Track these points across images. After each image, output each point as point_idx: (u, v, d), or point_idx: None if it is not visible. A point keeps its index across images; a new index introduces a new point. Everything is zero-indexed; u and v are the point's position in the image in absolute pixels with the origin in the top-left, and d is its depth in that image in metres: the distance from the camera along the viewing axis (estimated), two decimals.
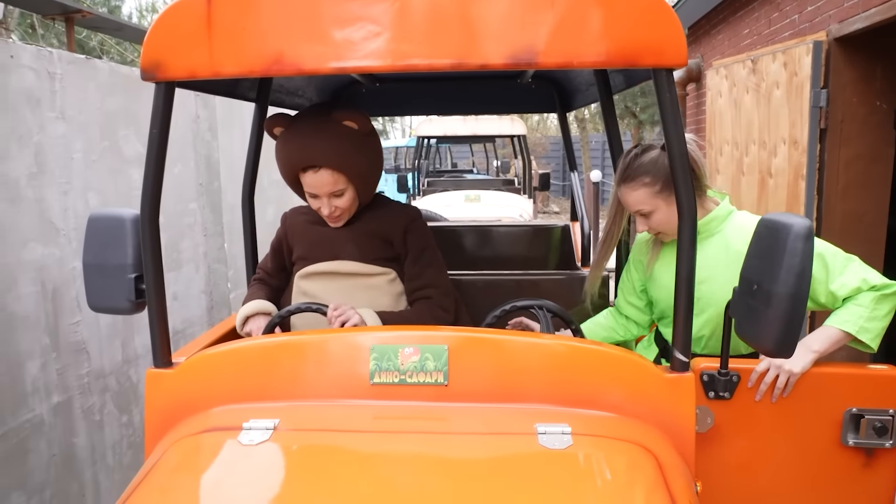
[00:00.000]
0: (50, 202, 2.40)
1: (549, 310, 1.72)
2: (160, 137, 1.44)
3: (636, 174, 1.69)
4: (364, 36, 1.30)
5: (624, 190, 1.71)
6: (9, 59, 2.21)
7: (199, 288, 3.57)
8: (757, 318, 1.26)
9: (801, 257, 1.19)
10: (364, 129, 1.75)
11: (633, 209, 1.72)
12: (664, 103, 1.35)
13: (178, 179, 3.32)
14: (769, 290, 1.23)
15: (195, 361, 1.56)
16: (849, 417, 1.65)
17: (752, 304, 1.28)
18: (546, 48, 1.27)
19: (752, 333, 1.29)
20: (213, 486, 1.23)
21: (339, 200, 1.75)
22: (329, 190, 1.72)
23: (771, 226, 1.27)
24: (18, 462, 2.25)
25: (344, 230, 1.85)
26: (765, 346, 1.27)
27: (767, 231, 1.28)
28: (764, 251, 1.27)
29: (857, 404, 1.65)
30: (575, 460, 1.25)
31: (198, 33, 1.32)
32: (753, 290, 1.27)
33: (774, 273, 1.22)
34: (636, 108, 7.65)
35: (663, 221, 1.70)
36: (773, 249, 1.23)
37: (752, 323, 1.28)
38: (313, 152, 1.68)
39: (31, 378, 2.30)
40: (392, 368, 1.47)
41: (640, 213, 1.71)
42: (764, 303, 1.23)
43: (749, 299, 1.29)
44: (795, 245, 1.20)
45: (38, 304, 2.33)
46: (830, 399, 1.66)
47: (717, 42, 5.54)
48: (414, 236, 1.87)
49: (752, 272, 1.30)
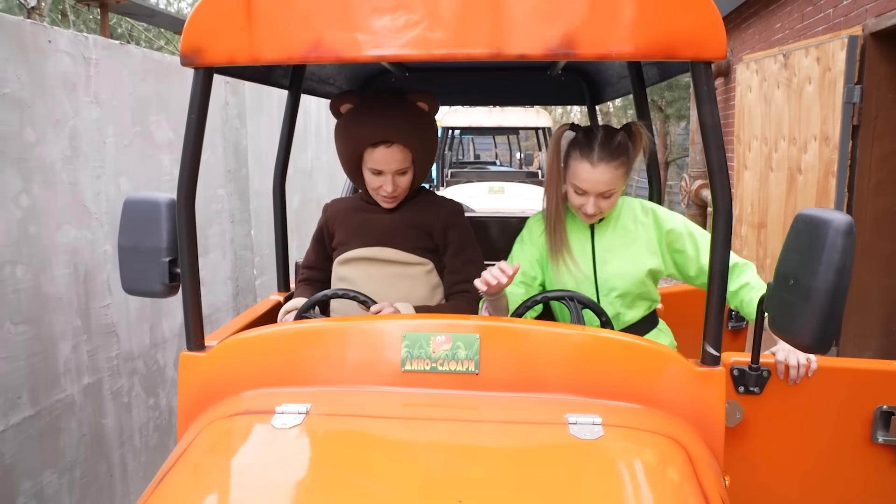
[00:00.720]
0: (83, 186, 2.44)
1: (581, 301, 1.71)
2: (198, 122, 1.45)
3: (617, 154, 1.66)
4: (402, 24, 1.30)
5: (603, 168, 1.65)
6: (47, 44, 2.25)
7: (226, 274, 3.62)
8: (793, 312, 1.25)
9: (841, 253, 1.17)
10: (433, 112, 1.82)
11: (603, 189, 1.66)
12: (702, 96, 1.34)
13: (206, 166, 3.36)
14: (808, 286, 1.21)
15: (228, 345, 1.58)
16: (879, 415, 1.63)
17: (789, 298, 1.26)
18: (583, 39, 1.26)
19: (789, 328, 1.27)
20: (247, 468, 1.25)
21: (402, 179, 1.79)
22: (397, 167, 1.75)
23: (809, 221, 1.25)
24: (51, 441, 2.30)
25: (386, 218, 1.86)
26: (801, 341, 1.25)
27: (806, 226, 1.25)
28: (802, 246, 1.25)
29: (888, 402, 1.63)
30: (606, 451, 1.25)
31: (238, 19, 1.33)
32: (790, 285, 1.25)
33: (814, 268, 1.20)
34: (662, 102, 7.56)
35: (611, 205, 1.72)
36: (812, 245, 1.21)
37: (789, 317, 1.27)
38: (389, 127, 1.71)
39: (64, 359, 2.35)
40: (423, 356, 1.48)
41: (605, 194, 1.67)
42: (802, 298, 1.22)
43: (785, 294, 1.28)
44: (836, 241, 1.18)
45: (70, 286, 2.37)
46: (860, 396, 1.65)
47: (748, 36, 5.45)
48: (455, 231, 1.88)
49: (789, 267, 1.28)
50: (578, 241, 1.80)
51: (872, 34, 3.21)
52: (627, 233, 1.78)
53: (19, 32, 2.13)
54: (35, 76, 2.20)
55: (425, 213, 1.87)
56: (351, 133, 1.76)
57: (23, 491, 2.18)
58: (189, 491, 1.19)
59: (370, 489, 1.13)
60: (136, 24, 9.65)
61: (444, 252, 1.89)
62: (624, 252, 1.77)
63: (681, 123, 7.88)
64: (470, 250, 1.90)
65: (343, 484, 1.15)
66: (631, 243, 1.77)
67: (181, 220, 1.51)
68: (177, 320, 3.07)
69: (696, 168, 5.95)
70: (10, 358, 2.12)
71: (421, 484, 1.14)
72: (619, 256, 1.77)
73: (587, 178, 1.67)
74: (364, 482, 1.15)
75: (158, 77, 2.88)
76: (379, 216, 1.87)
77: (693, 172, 6.00)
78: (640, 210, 1.81)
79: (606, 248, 1.77)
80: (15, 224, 2.13)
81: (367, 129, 1.73)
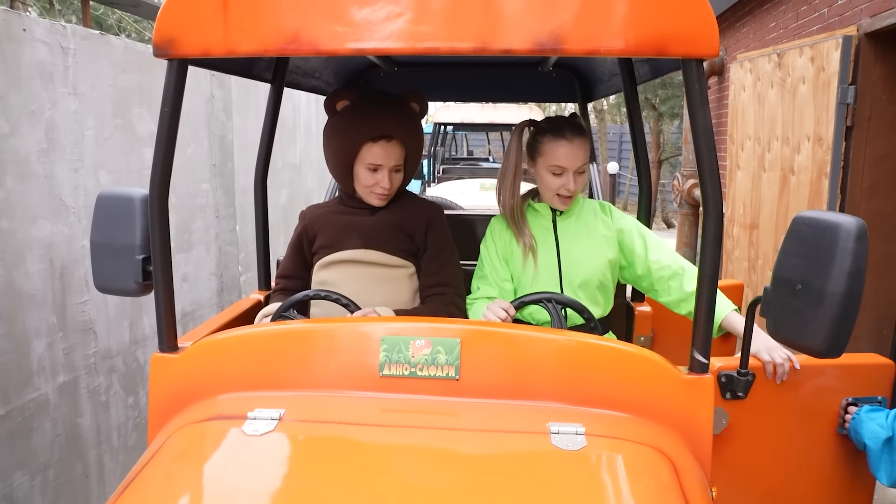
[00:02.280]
0: (60, 179, 2.37)
1: (560, 302, 1.67)
2: (171, 116, 1.40)
3: (582, 131, 1.79)
4: (384, 17, 1.26)
5: (578, 142, 1.76)
6: (21, 33, 2.18)
7: (210, 270, 3.55)
8: (803, 318, 1.22)
9: (853, 257, 1.15)
10: (422, 114, 1.87)
11: (580, 163, 1.77)
12: (693, 95, 1.30)
13: (190, 160, 3.29)
14: (820, 290, 1.18)
15: (201, 346, 1.53)
16: (844, 406, 1.71)
17: (796, 304, 1.23)
18: (572, 35, 1.22)
19: (797, 333, 1.24)
20: (215, 475, 1.20)
21: (397, 177, 1.81)
22: (394, 163, 1.77)
23: (815, 224, 1.21)
24: (22, 441, 2.24)
25: (367, 220, 1.84)
26: (814, 346, 1.22)
27: (811, 230, 1.21)
28: (808, 251, 1.21)
29: (852, 393, 1.69)
30: (588, 462, 1.21)
31: (213, 9, 1.29)
32: (797, 291, 1.22)
33: (826, 273, 1.17)
34: (656, 101, 7.53)
35: (582, 185, 1.82)
36: (822, 249, 1.18)
37: (797, 323, 1.24)
38: (390, 123, 1.74)
39: (37, 357, 2.28)
40: (402, 361, 1.43)
41: (580, 169, 1.78)
42: (812, 303, 1.19)
43: (790, 299, 1.24)
44: (848, 245, 1.15)
45: (45, 282, 2.31)
46: (832, 391, 1.70)
47: (742, 35, 5.42)
48: (435, 233, 1.87)
49: (793, 272, 1.24)
50: (542, 234, 1.87)
51: (867, 34, 3.17)
52: (588, 225, 1.87)
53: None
54: (9, 66, 2.13)
55: (408, 214, 1.85)
56: (351, 128, 1.76)
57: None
58: (154, 499, 1.14)
59: (340, 501, 1.09)
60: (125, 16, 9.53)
61: (422, 254, 1.86)
62: (586, 242, 1.85)
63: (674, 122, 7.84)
64: (447, 253, 1.88)
65: (312, 495, 1.11)
66: (591, 234, 1.86)
67: (153, 217, 1.45)
68: None
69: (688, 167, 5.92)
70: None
71: (395, 495, 1.10)
72: (581, 246, 1.84)
73: (566, 153, 1.76)
74: (334, 493, 1.11)
75: (142, 68, 2.81)
76: (362, 218, 1.84)
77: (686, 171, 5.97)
78: (599, 207, 1.93)
79: (569, 240, 1.85)
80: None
81: (369, 124, 1.73)
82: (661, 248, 1.83)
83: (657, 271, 1.80)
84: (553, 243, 1.86)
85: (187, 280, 3.29)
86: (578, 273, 1.83)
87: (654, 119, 7.77)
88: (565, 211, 1.87)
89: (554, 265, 1.85)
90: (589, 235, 1.86)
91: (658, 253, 1.82)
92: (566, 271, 1.84)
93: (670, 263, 1.79)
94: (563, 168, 1.77)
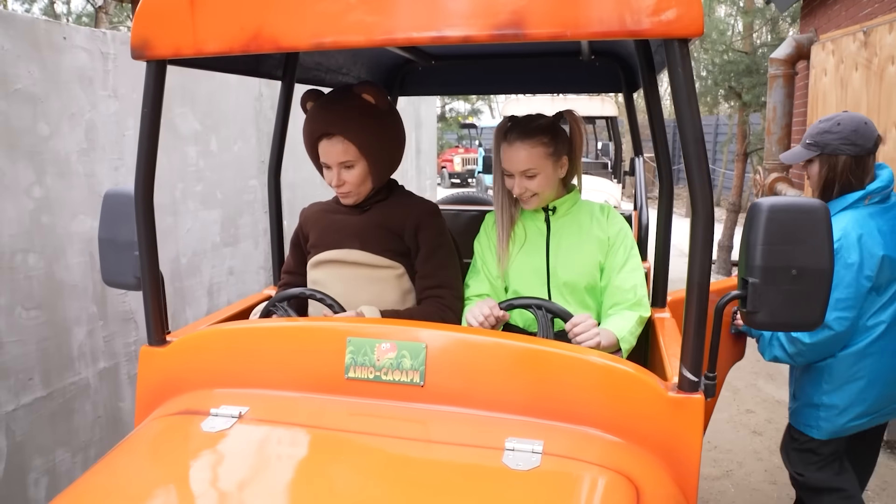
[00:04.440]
0: (100, 177, 2.52)
1: (549, 310, 1.57)
2: (152, 116, 1.44)
3: (533, 134, 1.70)
4: (339, 10, 1.25)
5: (518, 146, 1.69)
6: (62, 41, 2.32)
7: (259, 264, 3.67)
8: (801, 300, 1.25)
9: (829, 234, 1.23)
10: (382, 106, 1.75)
11: (522, 167, 1.70)
12: (677, 79, 1.18)
13: (238, 157, 3.41)
14: (815, 270, 1.23)
15: (185, 341, 1.57)
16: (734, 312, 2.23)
17: (794, 288, 1.25)
18: (532, 17, 1.14)
19: (794, 315, 1.26)
20: (162, 471, 1.22)
21: (349, 174, 1.74)
22: (339, 159, 1.72)
23: (789, 210, 1.23)
24: (63, 421, 2.40)
25: (355, 219, 1.81)
26: (808, 322, 1.26)
27: (789, 216, 1.23)
28: (789, 236, 1.23)
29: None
30: (532, 484, 1.12)
31: (182, 12, 1.33)
32: (793, 276, 1.24)
33: (816, 253, 1.22)
34: (741, 89, 7.03)
35: (545, 185, 1.73)
36: (805, 232, 1.23)
37: (794, 306, 1.25)
38: (329, 120, 1.70)
39: (78, 343, 2.44)
40: (368, 364, 1.40)
41: (527, 173, 1.70)
42: (809, 284, 1.24)
43: (787, 286, 1.25)
44: (826, 223, 1.23)
45: (85, 274, 2.46)
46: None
47: (834, 13, 4.94)
48: (427, 233, 1.79)
49: (780, 260, 1.23)
50: (534, 233, 1.82)
51: None
52: (581, 227, 1.81)
53: (32, 30, 2.21)
54: (49, 72, 2.27)
55: (396, 213, 1.80)
56: (305, 129, 1.77)
57: (34, 467, 2.29)
58: (98, 490, 1.17)
59: (266, 501, 1.07)
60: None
61: (415, 255, 1.80)
62: (576, 243, 1.79)
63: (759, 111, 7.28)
64: (442, 253, 1.80)
65: (244, 495, 1.10)
66: (583, 235, 1.80)
67: (139, 214, 1.50)
68: (201, 309, 3.14)
69: (771, 160, 5.48)
70: (22, 342, 2.22)
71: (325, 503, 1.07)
72: (570, 248, 1.79)
73: (507, 156, 1.72)
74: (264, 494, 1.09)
75: (182, 70, 2.92)
76: (348, 217, 1.81)
77: (768, 165, 5.53)
78: (598, 209, 1.85)
79: (560, 240, 1.80)
80: (27, 214, 2.22)
81: (314, 124, 1.72)
82: (633, 271, 1.77)
83: (613, 290, 1.77)
84: (544, 242, 1.80)
85: (234, 273, 3.42)
86: (565, 273, 1.77)
87: (739, 108, 7.26)
88: (559, 209, 1.81)
89: (542, 264, 1.79)
90: (580, 237, 1.80)
91: (630, 273, 1.77)
92: (553, 271, 1.78)
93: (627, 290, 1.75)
94: (509, 171, 1.73)
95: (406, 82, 2.86)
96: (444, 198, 5.69)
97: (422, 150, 6.75)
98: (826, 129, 2.02)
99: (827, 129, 2.02)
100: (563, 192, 1.83)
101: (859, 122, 2.00)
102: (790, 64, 5.30)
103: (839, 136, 1.99)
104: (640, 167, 3.06)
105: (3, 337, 2.16)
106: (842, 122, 2.00)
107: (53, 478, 2.37)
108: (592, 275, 1.77)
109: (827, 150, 2.00)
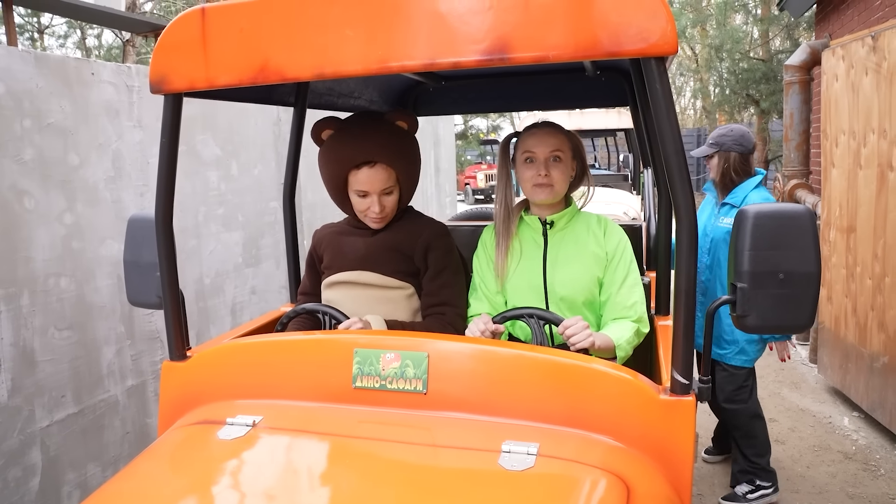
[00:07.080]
0: (127, 203, 2.65)
1: (541, 317, 1.63)
2: (170, 145, 1.53)
3: (559, 127, 1.79)
4: (339, 42, 1.32)
5: (547, 131, 1.76)
6: (90, 76, 2.47)
7: (280, 283, 3.78)
8: (791, 303, 1.29)
9: (815, 239, 1.26)
10: (412, 131, 1.83)
11: (551, 148, 1.74)
12: (656, 96, 1.24)
13: (258, 180, 3.53)
14: (803, 273, 1.26)
15: (204, 356, 1.65)
16: None
17: (783, 292, 1.29)
18: (517, 42, 1.21)
19: (784, 319, 1.29)
20: (179, 477, 1.30)
21: (388, 199, 1.79)
22: (381, 187, 1.76)
23: (774, 216, 1.27)
24: (94, 437, 2.51)
25: (367, 241, 1.86)
26: (798, 325, 1.29)
27: (775, 222, 1.27)
28: (777, 241, 1.27)
29: None
30: (528, 484, 1.17)
31: (195, 48, 1.41)
32: (780, 280, 1.28)
33: (804, 257, 1.26)
34: (759, 96, 7.01)
35: (561, 177, 1.77)
36: (791, 237, 1.27)
37: (784, 310, 1.29)
38: (370, 148, 1.72)
39: (107, 362, 2.56)
40: (373, 373, 1.47)
41: (554, 154, 1.75)
42: (798, 287, 1.27)
43: (775, 290, 1.29)
44: (812, 228, 1.26)
45: (113, 296, 2.58)
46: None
47: (847, 18, 4.93)
48: (436, 254, 1.84)
49: (767, 265, 1.27)
50: (531, 247, 1.84)
51: None
52: (578, 241, 1.82)
53: (63, 68, 2.36)
54: (78, 106, 2.42)
55: (407, 235, 1.84)
56: (334, 157, 1.77)
57: (67, 481, 2.40)
58: (119, 496, 1.25)
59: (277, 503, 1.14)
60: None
61: (423, 274, 1.85)
62: (573, 258, 1.80)
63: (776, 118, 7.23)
64: (448, 274, 1.84)
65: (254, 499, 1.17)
66: (580, 250, 1.81)
67: (160, 237, 1.60)
68: (225, 327, 3.25)
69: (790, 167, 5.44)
70: (55, 360, 2.34)
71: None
72: (568, 262, 1.80)
73: (536, 140, 1.76)
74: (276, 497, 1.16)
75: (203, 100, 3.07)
76: (360, 239, 1.86)
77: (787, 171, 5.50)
78: (595, 221, 1.86)
79: (557, 254, 1.82)
80: (59, 240, 2.35)
81: (350, 151, 1.74)
82: (633, 287, 1.79)
83: (613, 305, 1.78)
84: (541, 256, 1.82)
85: (256, 293, 3.53)
86: (562, 288, 1.78)
87: (757, 115, 7.23)
88: (556, 224, 1.83)
89: (539, 280, 1.80)
90: (578, 251, 1.81)
91: (630, 290, 1.78)
92: (551, 286, 1.79)
93: (628, 307, 1.77)
94: (534, 153, 1.76)
95: (419, 103, 2.94)
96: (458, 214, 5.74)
97: (441, 168, 6.85)
98: (723, 133, 2.79)
99: (724, 133, 2.79)
100: (562, 205, 1.86)
101: (745, 131, 2.83)
102: (805, 70, 5.28)
103: (732, 138, 2.75)
104: (648, 179, 3.10)
105: (38, 356, 2.28)
106: (734, 129, 2.81)
107: (85, 491, 2.47)
108: (590, 290, 1.78)
109: (723, 148, 2.75)
